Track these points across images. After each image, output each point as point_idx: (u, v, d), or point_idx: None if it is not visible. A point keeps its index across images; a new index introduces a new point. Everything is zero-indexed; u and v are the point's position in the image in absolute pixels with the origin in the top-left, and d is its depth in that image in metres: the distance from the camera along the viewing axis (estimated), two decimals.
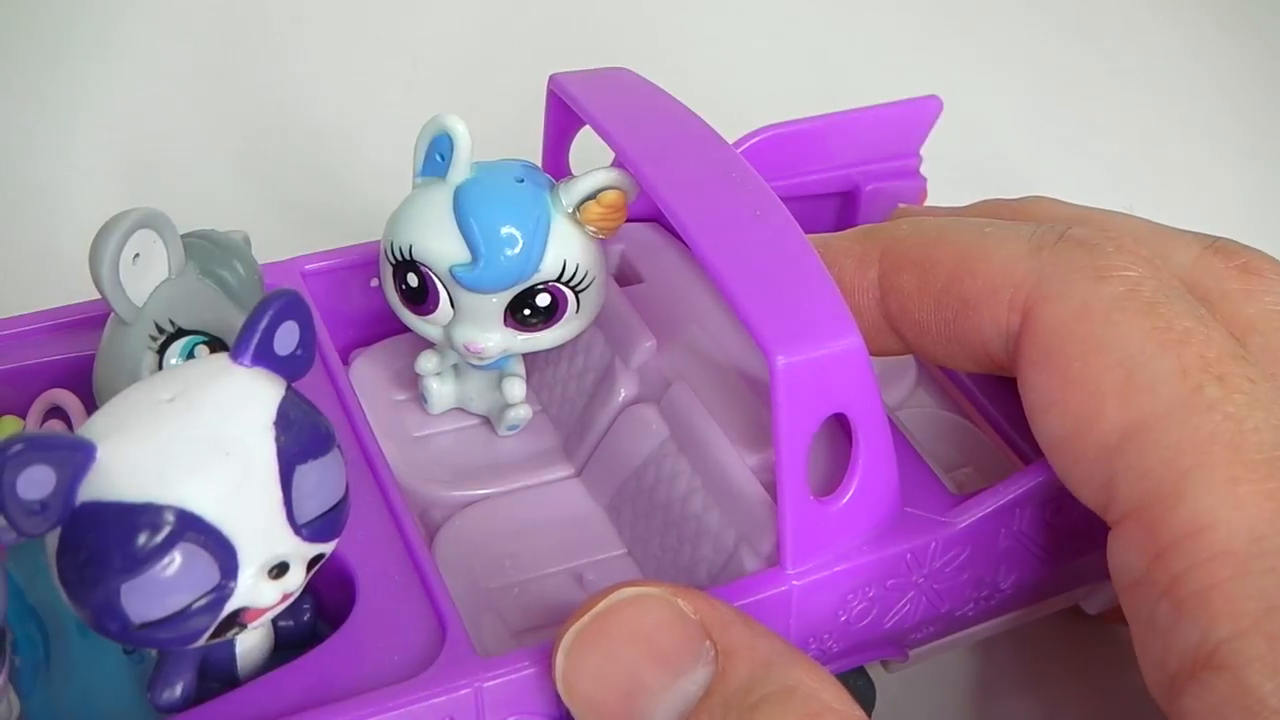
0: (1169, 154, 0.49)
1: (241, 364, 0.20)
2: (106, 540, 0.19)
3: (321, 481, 0.20)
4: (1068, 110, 0.51)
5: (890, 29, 0.55)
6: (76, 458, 0.18)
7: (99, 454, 0.19)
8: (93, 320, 0.27)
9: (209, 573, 0.19)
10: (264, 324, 0.20)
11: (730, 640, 0.21)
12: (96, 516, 0.19)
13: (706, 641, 0.21)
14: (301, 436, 0.20)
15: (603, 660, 0.22)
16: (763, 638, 0.22)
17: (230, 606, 0.20)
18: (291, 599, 0.21)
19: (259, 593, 0.20)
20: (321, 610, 0.23)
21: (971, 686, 0.30)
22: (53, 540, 0.19)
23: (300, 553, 0.20)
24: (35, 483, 0.18)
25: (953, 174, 0.35)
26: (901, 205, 0.32)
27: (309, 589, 0.21)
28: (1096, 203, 0.30)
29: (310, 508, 0.20)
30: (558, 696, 0.23)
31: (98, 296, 0.25)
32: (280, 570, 0.20)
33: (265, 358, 0.20)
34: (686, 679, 0.21)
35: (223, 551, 0.19)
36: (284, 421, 0.20)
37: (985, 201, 0.30)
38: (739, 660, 0.21)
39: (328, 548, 0.21)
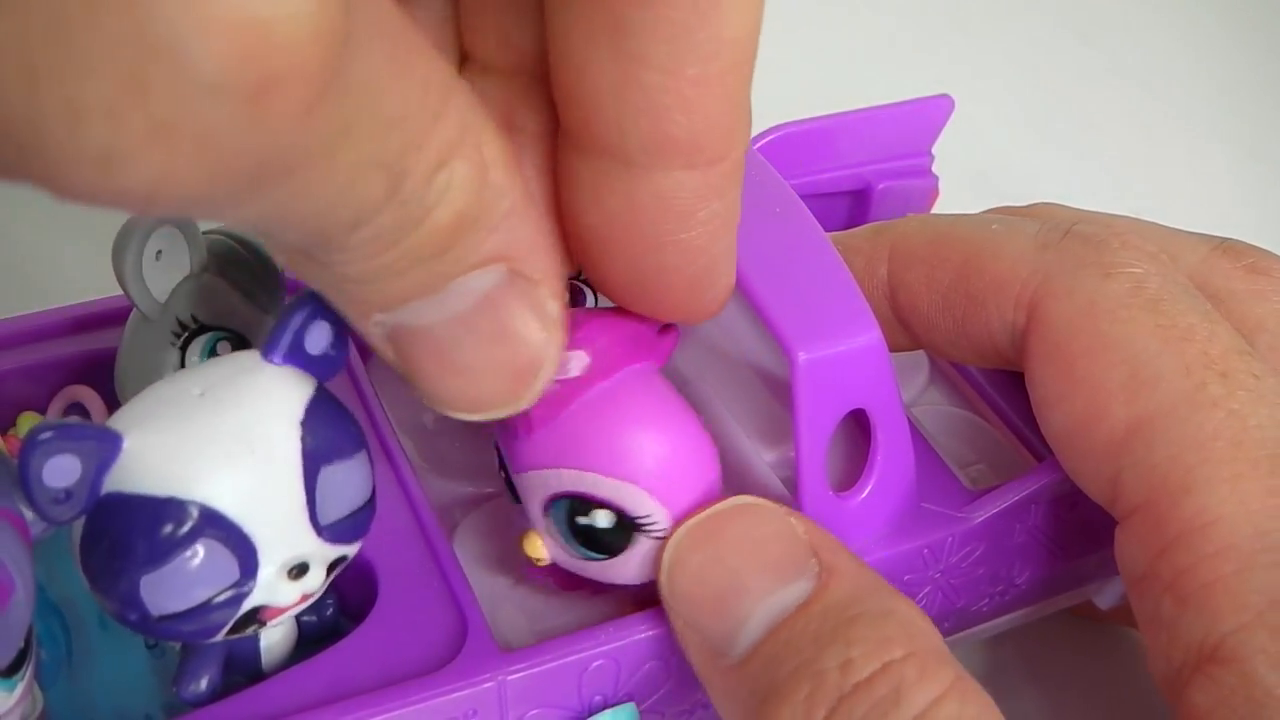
0: (1169, 154, 0.50)
1: (272, 362, 0.20)
2: (127, 532, 0.19)
3: (346, 483, 0.20)
4: (1068, 111, 0.51)
5: (891, 30, 0.55)
6: (103, 448, 0.19)
7: (125, 445, 0.19)
8: (113, 315, 0.27)
9: (228, 569, 0.19)
10: (297, 323, 0.20)
11: (836, 562, 0.22)
12: (119, 508, 0.19)
13: (813, 559, 0.22)
14: (328, 437, 0.20)
15: (709, 559, 0.22)
16: (866, 569, 0.22)
17: (249, 604, 0.20)
18: (312, 599, 0.21)
19: (278, 592, 0.20)
20: (344, 605, 0.23)
21: (984, 682, 0.30)
22: (78, 529, 0.19)
23: (321, 554, 0.20)
24: (61, 471, 0.18)
25: (953, 174, 0.35)
26: (910, 215, 0.33)
27: (332, 585, 0.21)
28: (1098, 204, 0.30)
29: (334, 509, 0.20)
30: (579, 689, 0.23)
31: (110, 293, 0.25)
32: (300, 571, 0.20)
33: (296, 356, 0.20)
34: (788, 589, 0.22)
35: (243, 549, 0.19)
36: (311, 421, 0.20)
37: (992, 210, 0.31)
38: (842, 579, 0.22)
39: (350, 550, 0.21)
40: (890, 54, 0.53)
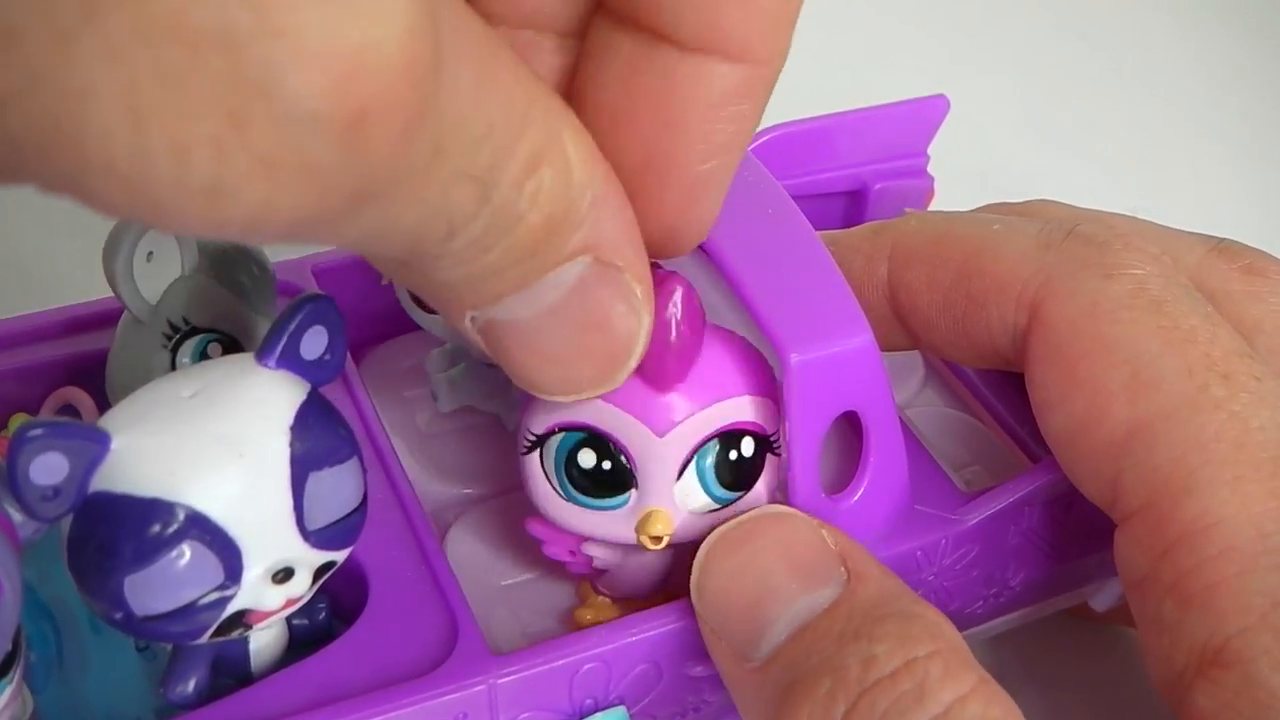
0: (1169, 154, 0.50)
1: (267, 366, 0.20)
2: (112, 532, 0.19)
3: (336, 489, 0.20)
4: (1067, 111, 0.51)
5: (890, 30, 0.55)
6: (91, 447, 0.19)
7: (114, 445, 0.19)
8: (105, 316, 0.27)
9: (213, 572, 0.19)
10: (292, 327, 0.20)
11: (864, 569, 0.22)
12: (106, 507, 0.19)
13: (841, 568, 0.22)
14: (319, 443, 0.20)
15: (740, 563, 0.22)
16: (893, 578, 0.22)
17: (233, 607, 0.20)
18: (298, 604, 0.21)
19: (263, 596, 0.20)
20: (335, 608, 0.23)
21: None
22: (67, 526, 0.19)
23: (308, 559, 0.20)
24: (49, 469, 0.18)
25: (950, 174, 0.35)
26: (908, 210, 0.33)
27: (323, 588, 0.21)
28: (1096, 203, 0.30)
29: (322, 515, 0.20)
30: (570, 692, 0.23)
31: (103, 294, 0.25)
32: (285, 575, 0.20)
33: (291, 361, 0.20)
34: (816, 593, 0.22)
35: (227, 552, 0.19)
36: (301, 427, 0.20)
37: (988, 206, 0.31)
38: (870, 584, 0.22)
39: (338, 556, 0.21)
40: (887, 54, 0.53)
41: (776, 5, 0.18)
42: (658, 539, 0.23)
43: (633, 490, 0.23)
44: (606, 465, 0.22)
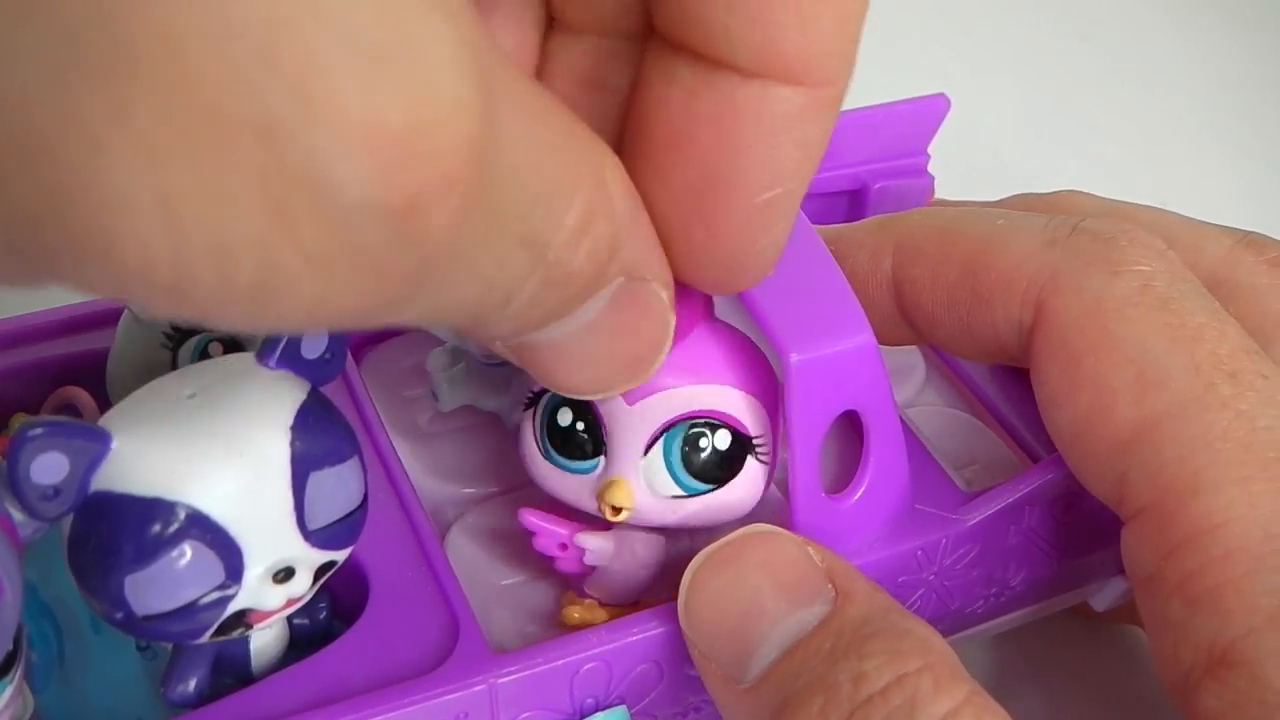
0: (1169, 154, 0.50)
1: (266, 365, 0.20)
2: (113, 531, 0.19)
3: (337, 489, 0.20)
4: (1068, 110, 0.51)
5: (889, 29, 0.55)
6: (92, 447, 0.19)
7: (115, 444, 0.19)
8: (106, 316, 0.27)
9: (213, 571, 0.19)
10: None
11: (852, 587, 0.22)
12: (106, 507, 0.19)
13: (829, 585, 0.22)
14: (319, 442, 0.20)
15: (727, 584, 0.22)
16: (881, 593, 0.22)
17: (234, 606, 0.20)
18: (299, 604, 0.21)
19: (264, 595, 0.20)
20: (336, 608, 0.23)
21: (986, 682, 0.30)
22: (68, 528, 0.19)
23: (308, 559, 0.20)
24: (49, 468, 0.18)
25: (951, 174, 0.35)
26: (915, 208, 0.33)
27: (324, 587, 0.21)
28: None
29: (322, 514, 0.20)
30: (571, 692, 0.23)
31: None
32: (286, 575, 0.20)
33: (291, 361, 0.20)
34: (805, 611, 0.22)
35: (228, 552, 0.19)
36: (302, 426, 0.20)
37: (1015, 197, 0.30)
38: (858, 601, 0.22)
39: (339, 555, 0.21)
40: (887, 53, 0.53)
41: (835, 25, 0.18)
42: (617, 510, 0.23)
43: (601, 457, 0.23)
44: (580, 425, 0.23)
